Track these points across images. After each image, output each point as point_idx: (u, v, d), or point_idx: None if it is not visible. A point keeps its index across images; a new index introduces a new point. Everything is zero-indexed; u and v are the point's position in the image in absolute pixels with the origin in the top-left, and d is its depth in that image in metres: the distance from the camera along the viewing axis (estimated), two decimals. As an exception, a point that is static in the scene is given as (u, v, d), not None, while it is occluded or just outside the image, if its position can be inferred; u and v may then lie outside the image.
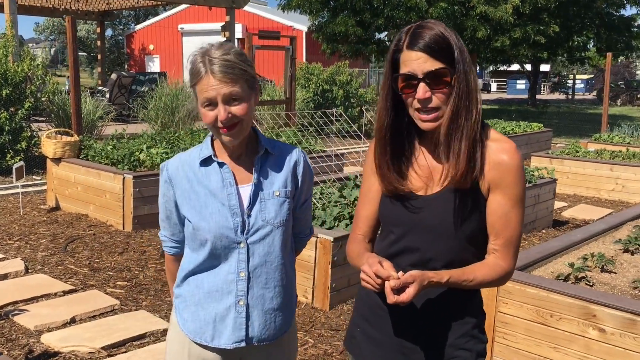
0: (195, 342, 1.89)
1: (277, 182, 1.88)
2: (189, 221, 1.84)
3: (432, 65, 1.51)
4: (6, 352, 3.69)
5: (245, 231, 1.83)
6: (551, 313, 3.39)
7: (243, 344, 1.87)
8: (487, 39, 15.83)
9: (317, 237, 4.37)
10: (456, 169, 1.56)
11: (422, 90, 1.53)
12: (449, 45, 1.53)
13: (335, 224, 4.64)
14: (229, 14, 14.86)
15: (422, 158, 1.67)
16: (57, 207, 7.15)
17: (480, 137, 1.60)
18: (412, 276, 1.50)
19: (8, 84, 9.00)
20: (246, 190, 1.85)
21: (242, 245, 1.83)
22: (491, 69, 40.46)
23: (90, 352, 3.71)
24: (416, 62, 1.52)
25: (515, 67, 34.98)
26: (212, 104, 1.73)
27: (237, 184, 1.85)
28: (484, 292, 3.62)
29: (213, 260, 1.85)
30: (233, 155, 1.86)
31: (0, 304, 4.33)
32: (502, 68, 35.87)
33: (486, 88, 46.03)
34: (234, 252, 1.84)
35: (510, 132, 12.04)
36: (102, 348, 3.75)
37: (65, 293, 4.65)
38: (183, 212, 1.86)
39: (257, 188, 1.85)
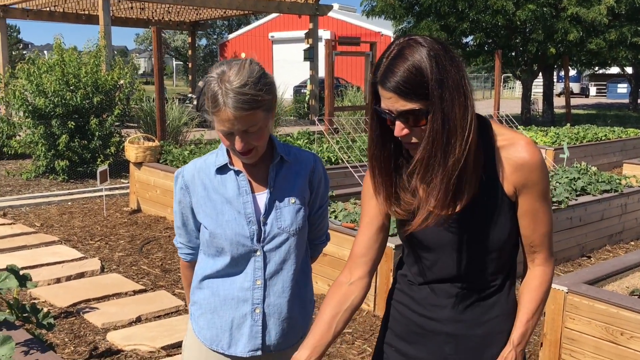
0: (212, 350, 1.88)
1: (292, 190, 1.85)
2: (206, 228, 1.84)
3: (404, 105, 1.40)
4: (73, 348, 3.85)
5: (261, 239, 1.82)
6: (621, 331, 3.15)
7: (259, 353, 1.85)
8: (579, 42, 15.12)
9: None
10: (436, 207, 1.47)
11: (398, 128, 1.44)
12: (423, 80, 1.37)
13: (399, 231, 4.54)
14: (312, 21, 15.01)
15: None
16: (138, 210, 7.43)
17: (491, 141, 1.51)
18: None
19: (99, 92, 9.47)
20: (262, 198, 1.83)
21: (258, 253, 1.82)
22: (588, 72, 38.66)
23: (150, 352, 3.80)
24: (389, 101, 1.42)
25: (615, 70, 33.26)
26: (228, 134, 1.71)
27: (253, 192, 1.83)
28: (549, 307, 3.43)
29: (229, 268, 1.84)
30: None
31: (73, 302, 4.53)
32: (601, 71, 34.18)
33: (585, 92, 44.03)
34: (250, 260, 1.82)
35: (603, 138, 11.44)
36: (162, 348, 3.83)
37: (135, 293, 4.80)
38: (199, 218, 1.86)
39: (273, 196, 1.83)
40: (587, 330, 3.31)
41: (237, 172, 1.83)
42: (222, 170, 1.84)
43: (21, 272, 2.99)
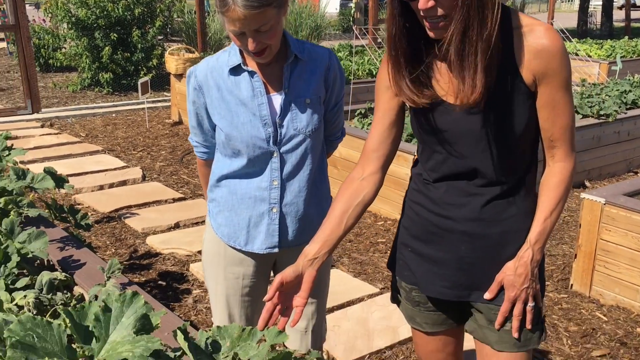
0: (229, 246, 1.91)
1: (307, 89, 1.81)
2: (221, 130, 1.82)
3: None
4: (114, 250, 4.00)
5: (277, 141, 1.80)
6: (659, 243, 3.08)
7: (276, 250, 1.88)
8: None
9: (414, 156, 4.24)
10: (473, 91, 1.38)
11: (422, 0, 1.34)
12: None
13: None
14: None
15: (445, 65, 1.48)
16: (179, 122, 7.50)
17: (509, 28, 1.42)
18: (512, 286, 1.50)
19: (140, 3, 9.40)
20: (277, 99, 1.80)
21: (274, 154, 1.81)
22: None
23: (187, 255, 3.92)
24: None
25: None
26: (240, 34, 1.65)
27: (268, 93, 1.80)
28: (585, 218, 3.36)
29: (246, 168, 1.84)
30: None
31: (116, 207, 4.68)
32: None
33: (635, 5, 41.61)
34: (267, 161, 1.82)
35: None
36: (198, 252, 3.94)
37: (174, 200, 4.91)
38: (214, 120, 1.84)
39: (288, 97, 1.80)
40: (623, 242, 3.25)
41: (251, 73, 1.79)
42: (235, 70, 1.80)
43: (66, 179, 3.06)
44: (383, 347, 3.01)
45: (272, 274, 2.04)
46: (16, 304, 1.93)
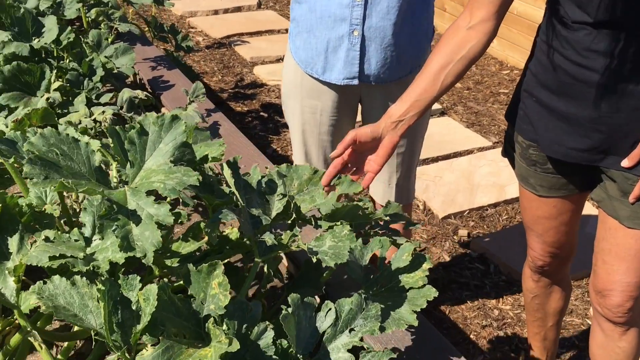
0: (307, 74, 1.69)
1: None
2: None
3: None
4: (220, 77, 3.91)
5: None
6: None
7: (355, 82, 1.63)
8: None
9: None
10: None
11: None
12: None
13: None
14: None
15: None
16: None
17: None
18: None
19: None
20: None
21: None
22: None
23: (292, 88, 3.77)
24: None
25: None
26: None
27: None
28: None
29: None
30: None
31: (227, 34, 4.54)
32: None
33: None
34: None
35: None
36: (304, 86, 3.78)
37: (287, 31, 4.67)
38: None
39: None
40: None
41: None
42: None
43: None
44: (486, 205, 2.79)
45: (359, 115, 1.81)
46: (94, 119, 1.85)
